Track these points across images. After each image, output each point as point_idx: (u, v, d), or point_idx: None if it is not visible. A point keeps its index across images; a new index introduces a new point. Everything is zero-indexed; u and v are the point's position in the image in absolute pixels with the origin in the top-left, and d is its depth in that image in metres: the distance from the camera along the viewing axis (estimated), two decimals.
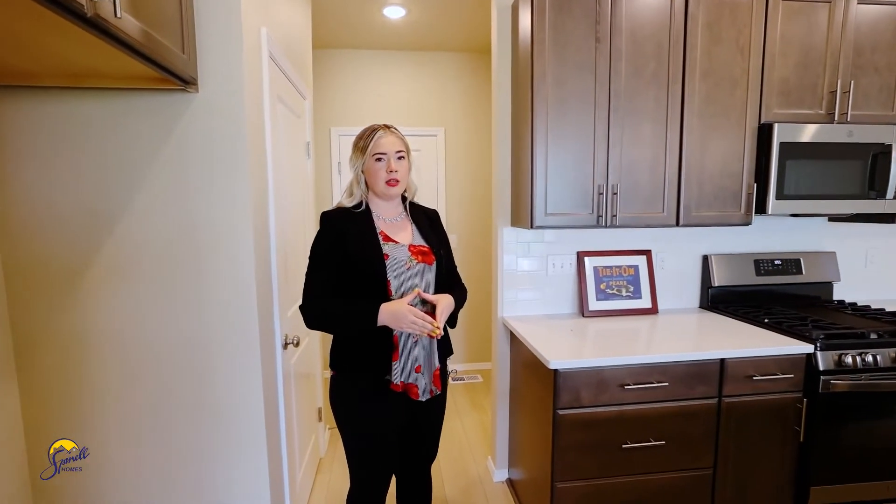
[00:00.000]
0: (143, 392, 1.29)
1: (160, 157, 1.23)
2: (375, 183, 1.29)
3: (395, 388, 1.25)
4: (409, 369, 1.27)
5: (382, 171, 1.27)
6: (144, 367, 1.29)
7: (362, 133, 1.31)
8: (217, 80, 1.24)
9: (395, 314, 1.18)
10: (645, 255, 2.07)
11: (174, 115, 1.22)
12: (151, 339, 1.28)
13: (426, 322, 1.18)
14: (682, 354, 1.57)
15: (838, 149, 1.83)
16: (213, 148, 1.26)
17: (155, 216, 1.25)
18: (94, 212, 1.21)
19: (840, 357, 1.63)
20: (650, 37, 1.75)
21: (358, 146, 1.30)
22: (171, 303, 1.28)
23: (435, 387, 1.32)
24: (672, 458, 1.61)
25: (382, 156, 1.27)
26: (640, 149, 1.79)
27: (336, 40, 3.14)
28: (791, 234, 2.21)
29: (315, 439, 2.26)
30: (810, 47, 1.83)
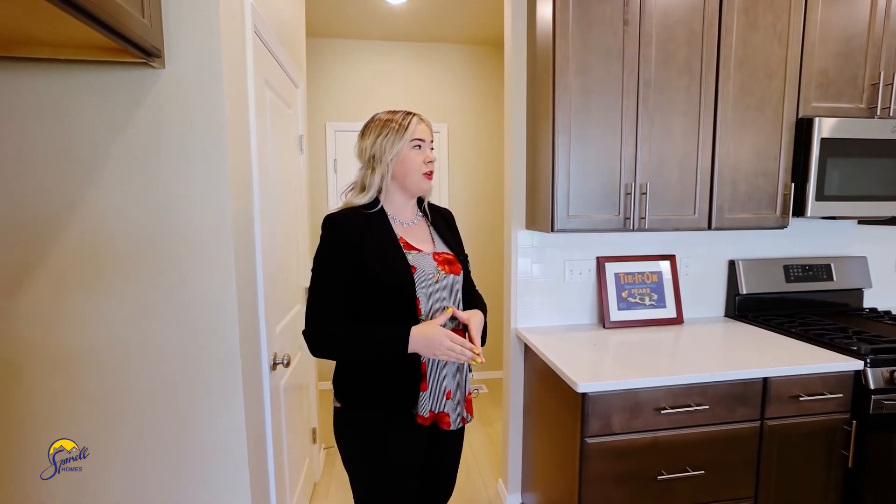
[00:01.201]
0: (99, 421, 1.07)
1: (118, 146, 1.01)
2: (410, 174, 1.08)
3: (422, 422, 1.06)
4: (440, 397, 1.08)
5: (420, 160, 1.08)
6: (97, 394, 1.07)
7: (388, 117, 1.08)
8: (188, 54, 1.02)
9: (430, 340, 0.98)
10: (669, 260, 1.91)
11: (135, 94, 1.00)
12: (103, 362, 1.06)
13: (465, 348, 0.99)
14: (723, 374, 1.41)
15: (881, 146, 1.69)
16: (185, 135, 1.04)
17: (111, 217, 1.03)
18: (35, 213, 0.99)
19: (892, 374, 1.49)
20: (682, 21, 1.59)
21: (389, 130, 1.06)
22: (131, 320, 1.06)
23: (467, 413, 1.14)
24: (711, 488, 1.45)
25: (421, 143, 1.08)
26: (670, 144, 1.62)
27: (332, 29, 2.92)
28: (821, 238, 2.08)
29: (309, 463, 2.05)
30: (852, 36, 1.69)
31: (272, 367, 1.45)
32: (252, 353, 1.28)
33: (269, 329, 1.42)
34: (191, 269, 1.08)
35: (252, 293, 1.29)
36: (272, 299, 1.49)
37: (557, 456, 1.57)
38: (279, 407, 1.56)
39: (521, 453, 1.98)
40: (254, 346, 1.30)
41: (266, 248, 1.43)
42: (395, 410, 1.06)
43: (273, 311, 1.50)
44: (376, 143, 1.07)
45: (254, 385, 1.28)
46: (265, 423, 1.39)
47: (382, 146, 1.06)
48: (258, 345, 1.34)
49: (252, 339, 1.28)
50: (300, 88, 2.02)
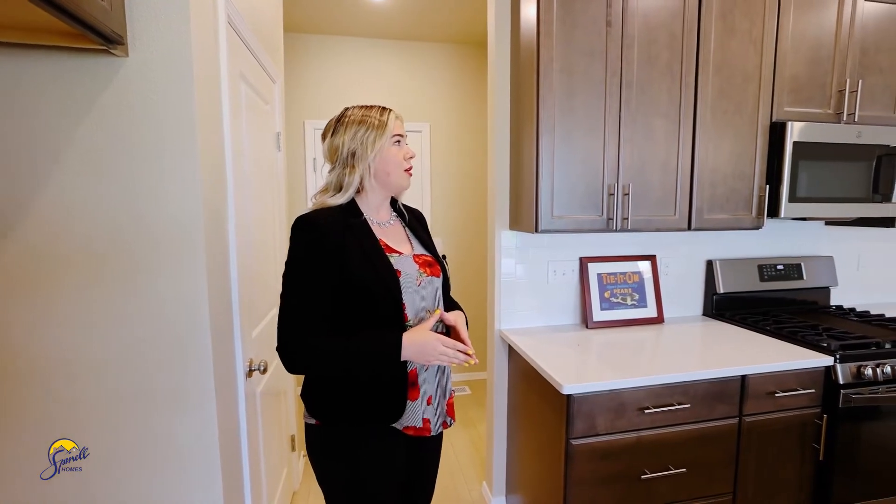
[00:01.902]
0: (60, 431, 1.00)
1: (76, 138, 0.93)
2: (393, 171, 1.04)
3: (412, 433, 1.02)
4: (423, 404, 1.04)
5: (401, 156, 1.04)
6: (56, 403, 0.99)
7: (365, 112, 1.03)
8: (154, 42, 0.96)
9: (423, 346, 0.94)
10: (650, 260, 1.93)
11: (95, 83, 0.93)
12: (62, 369, 0.98)
13: (458, 350, 0.96)
14: (704, 372, 1.43)
15: (847, 150, 1.75)
16: (151, 128, 0.98)
17: (68, 214, 0.95)
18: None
19: (859, 369, 1.54)
20: (663, 24, 1.61)
21: (369, 125, 1.00)
22: (91, 325, 0.99)
23: (449, 416, 1.11)
24: (692, 486, 1.47)
25: (401, 138, 1.05)
26: (652, 146, 1.64)
27: (313, 24, 2.85)
28: (791, 239, 2.15)
29: (288, 471, 1.98)
30: (820, 44, 1.75)
31: (248, 374, 1.39)
32: (226, 359, 1.22)
33: (244, 334, 1.36)
34: (158, 271, 1.01)
35: (226, 296, 1.23)
36: (248, 303, 1.43)
37: (542, 457, 1.56)
38: (255, 414, 1.50)
39: (505, 455, 1.97)
40: (228, 351, 1.23)
41: (241, 249, 1.37)
42: (381, 424, 1.00)
43: (249, 316, 1.44)
44: (356, 140, 1.00)
45: (228, 392, 1.22)
46: (240, 432, 1.33)
47: (364, 143, 1.00)
48: (232, 350, 1.28)
49: (226, 345, 1.22)
50: (278, 84, 1.95)
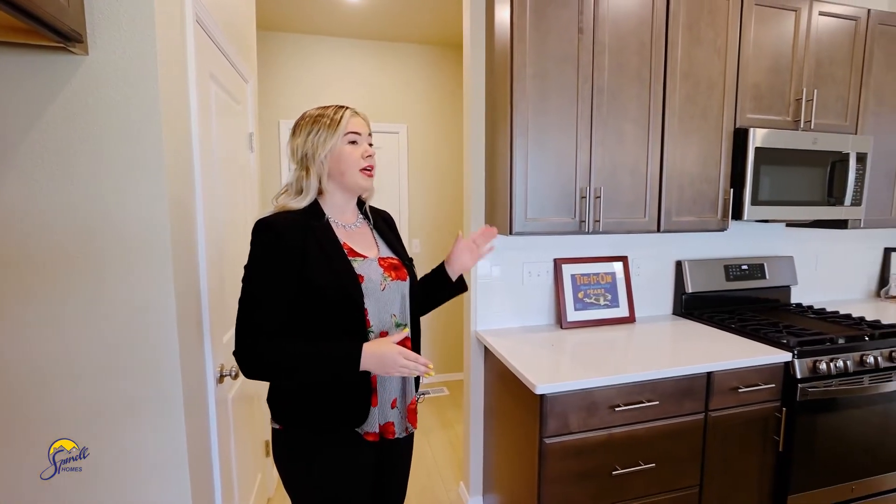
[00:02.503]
0: (17, 443, 0.96)
1: (30, 138, 0.90)
2: (348, 171, 1.01)
3: (371, 439, 1.02)
4: (386, 408, 1.04)
5: (357, 155, 1.01)
6: (13, 413, 0.95)
7: (319, 112, 1.01)
8: (116, 41, 0.93)
9: (383, 358, 0.93)
10: (622, 261, 1.98)
11: (52, 82, 0.90)
12: (19, 378, 0.95)
13: (419, 364, 0.95)
14: (673, 370, 1.48)
15: (804, 156, 1.84)
16: (113, 129, 0.95)
17: (24, 216, 0.92)
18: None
19: (815, 364, 1.62)
20: (633, 32, 1.65)
21: (320, 125, 0.99)
22: (51, 331, 0.96)
23: (410, 423, 1.10)
24: (661, 480, 1.52)
25: (357, 136, 1.01)
26: (622, 150, 1.69)
27: (288, 23, 2.80)
28: (755, 240, 2.24)
29: (262, 478, 1.95)
30: (780, 54, 1.83)
31: (219, 380, 1.36)
32: (195, 364, 1.19)
33: (214, 339, 1.33)
34: (122, 274, 0.99)
35: (195, 301, 1.20)
36: (219, 307, 1.40)
37: (517, 457, 1.58)
38: (227, 421, 1.47)
39: (482, 455, 1.99)
40: (197, 357, 1.21)
41: (211, 252, 1.34)
42: (344, 429, 1.00)
43: (220, 320, 1.41)
44: (308, 141, 0.99)
45: (197, 398, 1.19)
46: (210, 439, 1.30)
47: (314, 143, 0.99)
48: (202, 356, 1.26)
49: (195, 350, 1.19)
50: (250, 84, 1.92)
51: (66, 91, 0.91)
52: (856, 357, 1.68)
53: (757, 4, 1.78)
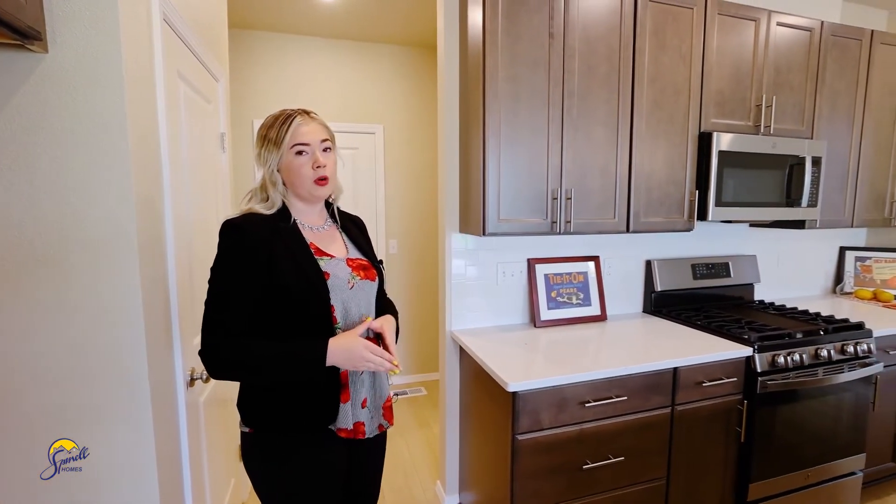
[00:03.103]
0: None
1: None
2: (299, 183, 1.02)
3: (345, 435, 1.02)
4: (357, 406, 1.05)
5: (307, 167, 1.01)
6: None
7: (272, 121, 1.02)
8: (78, 39, 0.92)
9: (349, 351, 0.94)
10: (594, 261, 2.03)
11: (9, 81, 0.88)
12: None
13: (384, 358, 0.97)
14: (640, 366, 1.52)
15: (764, 159, 1.92)
16: (76, 127, 0.93)
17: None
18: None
19: (773, 358, 1.70)
20: (602, 38, 1.70)
21: (268, 138, 1.00)
22: (11, 335, 0.93)
23: (385, 420, 1.12)
24: (630, 473, 1.57)
25: (305, 147, 1.00)
26: (592, 152, 1.73)
27: (260, 21, 2.76)
28: (720, 239, 2.33)
29: (236, 482, 1.92)
30: (741, 61, 1.91)
31: (189, 384, 1.34)
32: (164, 367, 1.17)
33: (184, 341, 1.31)
34: (87, 276, 0.97)
35: (163, 302, 1.18)
36: (189, 310, 1.38)
37: (492, 454, 1.61)
38: (198, 425, 1.45)
39: (458, 454, 2.01)
40: (166, 360, 1.19)
41: (181, 253, 1.32)
42: (315, 428, 1.00)
43: (190, 323, 1.39)
44: (259, 156, 1.02)
45: (166, 402, 1.18)
46: (180, 443, 1.29)
47: (265, 158, 1.01)
48: (171, 359, 1.24)
49: (164, 353, 1.17)
50: (221, 83, 1.89)
51: (25, 89, 0.89)
52: (811, 351, 1.76)
53: (719, 14, 1.85)
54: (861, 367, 1.82)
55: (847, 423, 1.86)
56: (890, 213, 2.31)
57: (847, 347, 1.81)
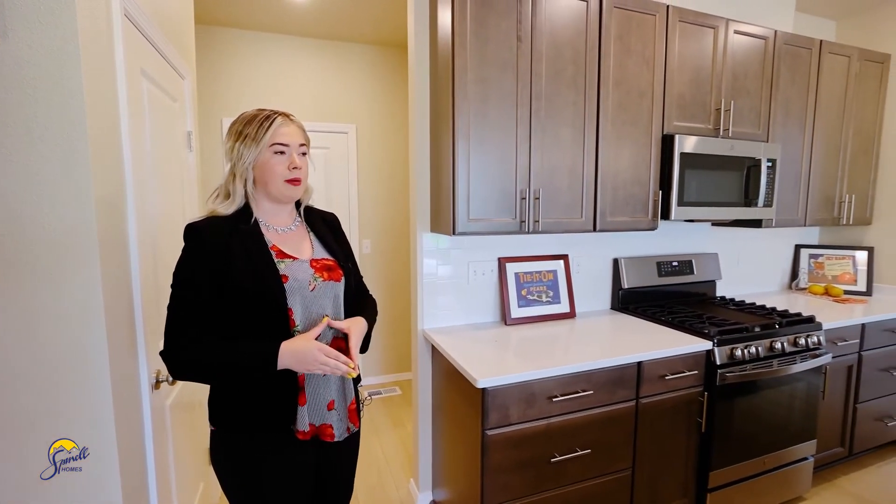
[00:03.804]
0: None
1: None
2: (271, 182, 1.02)
3: (302, 437, 1.02)
4: (321, 409, 1.05)
5: (283, 166, 1.02)
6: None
7: (250, 118, 1.02)
8: (33, 34, 0.89)
9: (300, 355, 0.95)
10: (563, 259, 2.08)
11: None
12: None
13: (339, 362, 0.97)
14: (606, 360, 1.57)
15: (723, 161, 2.01)
16: (31, 125, 0.90)
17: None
18: None
19: (732, 351, 1.78)
20: (568, 42, 1.75)
21: (245, 134, 1.00)
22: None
23: (352, 423, 1.12)
24: (596, 465, 1.62)
25: (284, 148, 1.02)
26: (560, 153, 1.78)
27: (230, 17, 2.71)
28: (682, 238, 2.41)
29: (205, 486, 1.89)
30: (701, 67, 1.99)
31: (154, 386, 1.32)
32: (128, 370, 1.15)
33: (149, 343, 1.29)
34: (45, 278, 0.94)
35: (126, 304, 1.16)
36: (154, 311, 1.35)
37: (462, 450, 1.63)
38: (164, 428, 1.42)
39: (431, 452, 2.02)
40: (129, 362, 1.17)
41: (145, 253, 1.29)
42: (274, 429, 1.01)
43: (155, 325, 1.36)
44: (235, 148, 1.01)
45: (130, 406, 1.15)
46: (145, 447, 1.26)
47: (240, 151, 1.00)
48: (135, 361, 1.21)
49: (127, 355, 1.15)
50: (188, 80, 1.85)
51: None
52: (767, 343, 1.85)
53: (681, 21, 1.92)
54: (812, 358, 1.92)
55: (800, 412, 1.97)
56: (839, 212, 2.44)
57: (799, 340, 1.91)
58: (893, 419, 2.32)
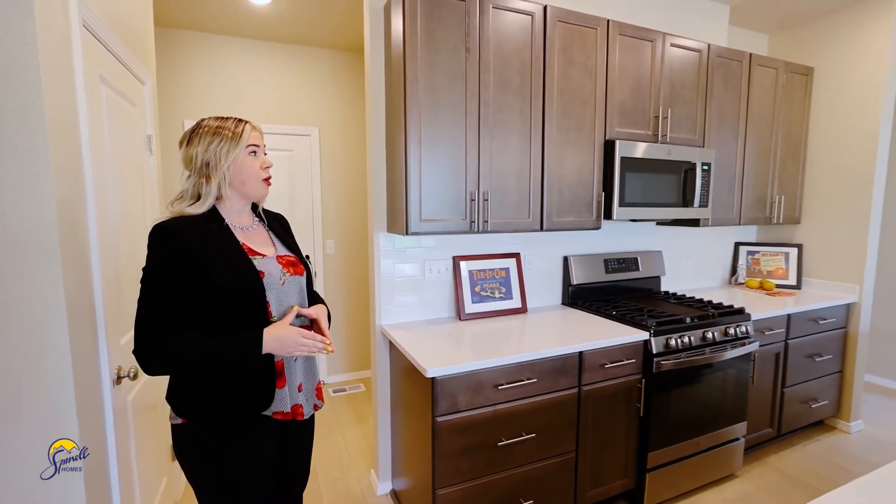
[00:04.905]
0: None
1: None
2: (249, 181, 1.10)
3: (283, 418, 1.10)
4: (293, 391, 1.14)
5: (257, 166, 1.10)
6: None
7: (223, 120, 1.09)
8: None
9: (282, 339, 1.03)
10: (515, 257, 2.20)
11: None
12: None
13: (316, 340, 1.06)
14: (548, 351, 1.69)
15: (662, 165, 2.17)
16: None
17: None
18: None
19: (667, 340, 1.93)
20: (514, 52, 1.86)
21: (222, 134, 1.05)
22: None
23: (319, 399, 1.22)
24: (542, 448, 1.74)
25: (257, 148, 1.10)
26: (507, 157, 1.89)
27: (190, 20, 2.73)
28: (629, 237, 2.57)
29: (168, 482, 1.93)
30: (640, 77, 2.14)
31: (116, 382, 1.37)
32: (89, 367, 1.19)
33: (111, 341, 1.34)
34: (8, 278, 0.98)
35: (87, 302, 1.21)
36: (115, 309, 1.40)
37: (417, 438, 1.72)
38: (126, 424, 1.47)
39: (390, 443, 2.11)
40: (91, 359, 1.21)
41: (106, 254, 1.34)
42: (250, 413, 1.07)
43: (116, 322, 1.41)
44: (209, 151, 1.05)
45: (91, 401, 1.20)
46: (107, 443, 1.31)
47: (217, 154, 1.05)
48: (97, 358, 1.26)
49: (89, 352, 1.20)
50: (147, 85, 1.89)
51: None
52: (700, 333, 2.02)
53: (620, 35, 2.07)
54: (741, 346, 2.09)
55: (731, 396, 2.14)
56: (770, 212, 2.65)
57: (729, 330, 2.08)
58: (818, 401, 2.53)
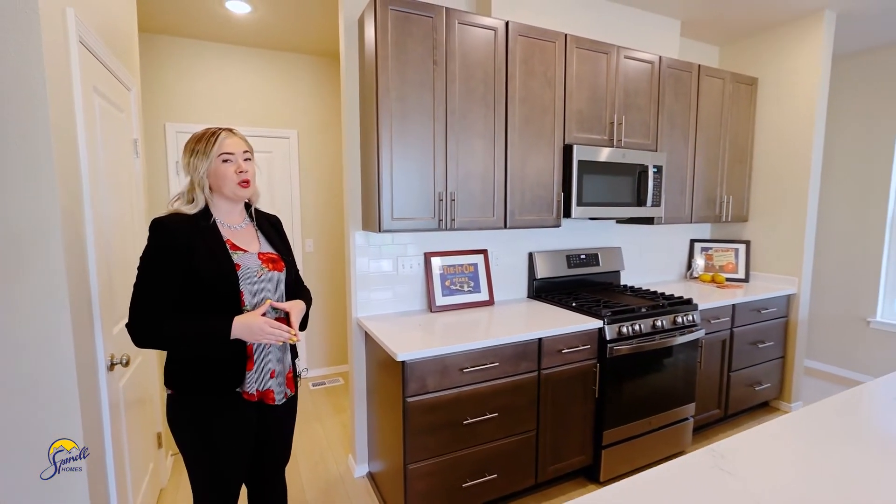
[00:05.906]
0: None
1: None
2: (224, 186, 1.24)
3: (249, 398, 1.24)
4: (264, 376, 1.27)
5: (232, 172, 1.24)
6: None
7: (199, 136, 1.24)
8: (6, 68, 1.06)
9: (250, 327, 1.17)
10: (482, 254, 2.36)
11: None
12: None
13: (283, 330, 1.20)
14: (509, 337, 1.86)
15: (617, 167, 2.36)
16: (5, 146, 1.07)
17: None
18: None
19: (619, 328, 2.11)
20: (479, 64, 2.03)
21: (196, 150, 1.22)
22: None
23: (289, 389, 1.34)
24: (504, 427, 1.90)
25: (230, 156, 1.24)
26: (473, 161, 2.05)
27: (172, 26, 2.82)
28: (591, 234, 2.76)
29: (154, 468, 2.03)
30: (597, 86, 2.33)
31: (110, 368, 1.47)
32: (87, 353, 1.30)
33: (105, 330, 1.45)
34: (16, 270, 1.09)
35: (85, 294, 1.32)
36: (108, 301, 1.51)
37: (391, 422, 1.87)
38: (119, 409, 1.57)
39: (366, 429, 2.25)
40: (89, 346, 1.33)
41: (101, 249, 1.46)
42: (224, 390, 1.21)
43: (109, 313, 1.52)
44: (189, 164, 1.23)
45: (89, 385, 1.30)
46: (103, 426, 1.41)
47: (194, 165, 1.22)
48: (93, 345, 1.37)
49: (87, 340, 1.31)
50: (133, 92, 1.99)
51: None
52: (650, 322, 2.20)
53: (577, 48, 2.25)
54: (689, 333, 2.29)
55: (681, 379, 2.34)
56: (720, 211, 2.87)
57: (678, 319, 2.28)
58: (762, 384, 2.76)
